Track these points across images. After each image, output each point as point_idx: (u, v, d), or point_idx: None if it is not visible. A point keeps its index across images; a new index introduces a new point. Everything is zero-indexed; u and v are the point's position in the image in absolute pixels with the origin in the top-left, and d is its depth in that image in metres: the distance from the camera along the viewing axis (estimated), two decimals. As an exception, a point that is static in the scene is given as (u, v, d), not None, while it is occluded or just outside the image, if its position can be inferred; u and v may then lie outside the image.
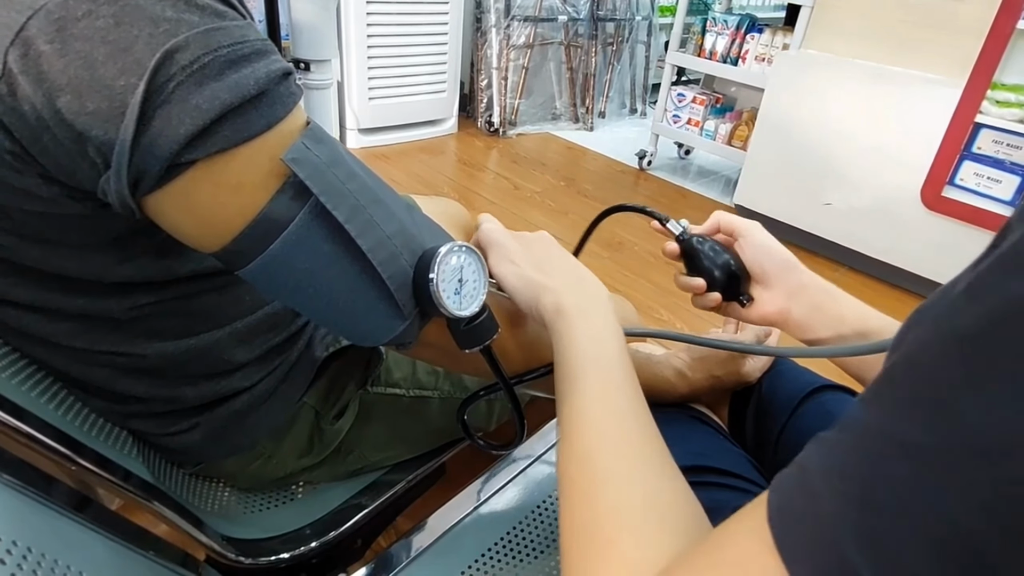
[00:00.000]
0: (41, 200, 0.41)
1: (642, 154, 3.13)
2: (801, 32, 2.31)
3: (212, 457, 0.66)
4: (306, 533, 0.68)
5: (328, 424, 0.70)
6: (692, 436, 0.63)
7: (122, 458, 0.57)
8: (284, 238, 0.39)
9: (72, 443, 0.50)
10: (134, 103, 0.34)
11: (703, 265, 0.64)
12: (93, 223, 0.45)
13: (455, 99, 3.25)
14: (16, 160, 0.38)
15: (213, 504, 0.70)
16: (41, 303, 0.50)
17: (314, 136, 0.40)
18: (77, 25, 0.33)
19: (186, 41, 0.34)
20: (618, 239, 2.34)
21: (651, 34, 3.94)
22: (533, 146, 3.31)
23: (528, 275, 0.50)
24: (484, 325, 0.46)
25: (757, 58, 2.66)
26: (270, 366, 0.64)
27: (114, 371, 0.56)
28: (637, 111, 4.07)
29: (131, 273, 0.50)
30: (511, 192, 2.73)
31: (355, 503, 0.73)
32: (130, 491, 0.53)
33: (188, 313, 0.56)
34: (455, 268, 0.44)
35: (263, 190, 0.39)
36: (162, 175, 0.36)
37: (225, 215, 0.39)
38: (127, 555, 0.49)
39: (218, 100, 0.35)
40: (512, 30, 3.22)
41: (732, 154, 2.80)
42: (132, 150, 0.35)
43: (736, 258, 0.63)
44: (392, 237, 0.42)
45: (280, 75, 0.38)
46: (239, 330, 0.60)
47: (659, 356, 0.69)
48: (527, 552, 0.67)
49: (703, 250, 0.64)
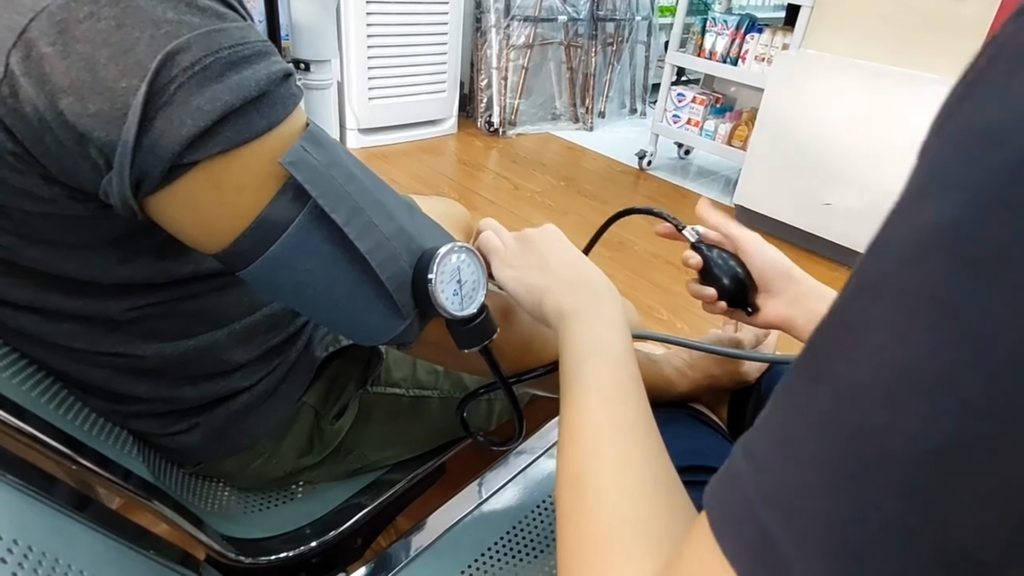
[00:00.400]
0: (42, 201, 0.41)
1: (642, 154, 3.13)
2: (801, 32, 2.32)
3: (212, 457, 0.66)
4: (306, 532, 0.68)
5: (328, 424, 0.70)
6: (691, 435, 0.63)
7: (122, 457, 0.57)
8: (284, 240, 0.40)
9: (73, 443, 0.50)
10: (136, 105, 0.34)
11: (713, 274, 0.64)
12: (93, 224, 0.45)
13: (455, 99, 3.25)
14: (18, 161, 0.38)
15: (213, 503, 0.70)
16: (40, 304, 0.50)
17: (313, 139, 0.40)
18: (79, 27, 0.34)
19: (187, 43, 0.35)
20: (619, 239, 2.34)
21: (651, 34, 3.94)
22: (533, 146, 3.31)
23: (529, 280, 0.50)
24: (483, 325, 0.47)
25: (757, 58, 2.66)
26: (269, 366, 0.64)
27: (114, 371, 0.56)
28: (637, 111, 4.07)
29: (130, 274, 0.50)
30: (511, 192, 2.73)
31: (355, 502, 0.73)
32: (130, 490, 0.53)
33: (187, 314, 0.56)
34: (454, 269, 0.44)
35: (264, 191, 0.39)
36: (164, 176, 0.36)
37: (226, 216, 0.39)
38: (127, 554, 0.49)
39: (219, 101, 0.35)
40: (512, 30, 3.22)
41: (732, 154, 2.80)
42: (134, 151, 0.35)
43: (743, 268, 0.64)
44: (391, 239, 0.42)
45: (281, 76, 0.39)
46: (238, 331, 0.60)
47: (659, 355, 0.70)
48: (527, 551, 0.68)
49: (712, 258, 0.65)
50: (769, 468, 0.22)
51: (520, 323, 0.55)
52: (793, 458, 0.21)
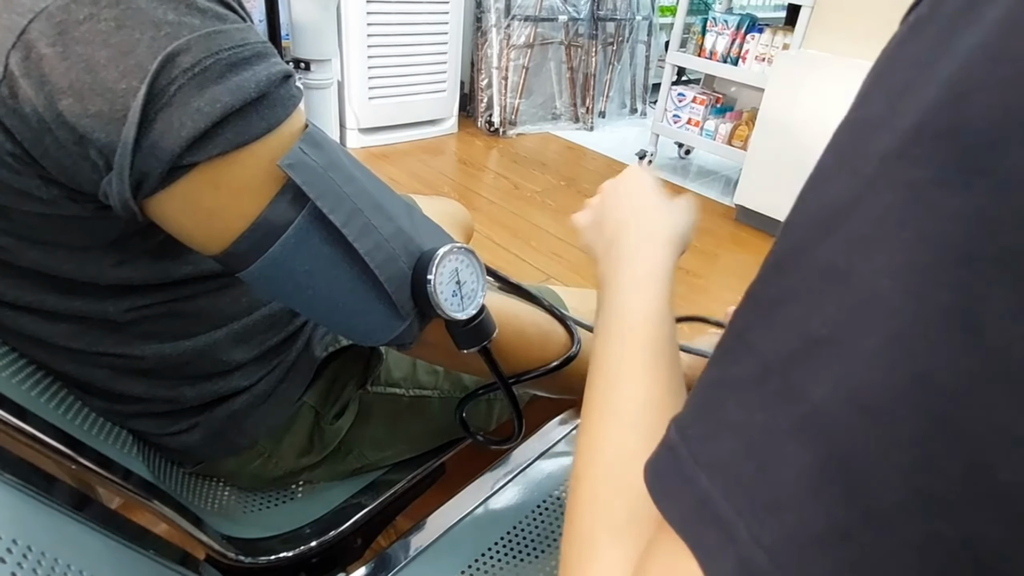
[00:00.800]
0: (41, 202, 0.41)
1: (642, 154, 3.13)
2: (801, 32, 2.32)
3: (212, 456, 0.67)
4: (306, 532, 0.68)
5: (328, 424, 0.70)
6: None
7: (122, 457, 0.57)
8: (283, 241, 0.40)
9: (73, 442, 0.50)
10: (136, 106, 0.34)
11: None
12: (92, 225, 0.45)
13: (455, 99, 3.25)
14: (17, 162, 0.38)
15: (213, 503, 0.70)
16: (38, 304, 0.50)
17: (311, 140, 0.40)
18: (79, 28, 0.34)
19: (187, 44, 0.35)
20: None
21: (651, 34, 3.94)
22: (533, 146, 3.31)
23: (589, 236, 0.53)
24: (482, 326, 0.47)
25: (757, 58, 2.66)
26: (269, 366, 0.64)
27: (113, 372, 0.56)
28: (637, 111, 4.07)
29: (128, 275, 0.50)
30: (511, 192, 2.73)
31: (355, 502, 0.73)
32: (130, 490, 0.53)
33: (185, 315, 0.56)
34: (453, 270, 0.44)
35: (263, 193, 0.39)
36: (164, 178, 0.37)
37: (226, 217, 0.39)
38: (127, 554, 0.50)
39: (219, 103, 0.35)
40: (512, 30, 3.22)
41: (732, 154, 2.80)
42: (134, 153, 0.35)
43: None
44: (390, 240, 0.43)
45: (280, 78, 0.39)
46: (237, 331, 0.60)
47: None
48: (527, 552, 0.68)
49: None
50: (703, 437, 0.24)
51: (520, 324, 0.55)
52: (724, 424, 0.23)
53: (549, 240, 2.30)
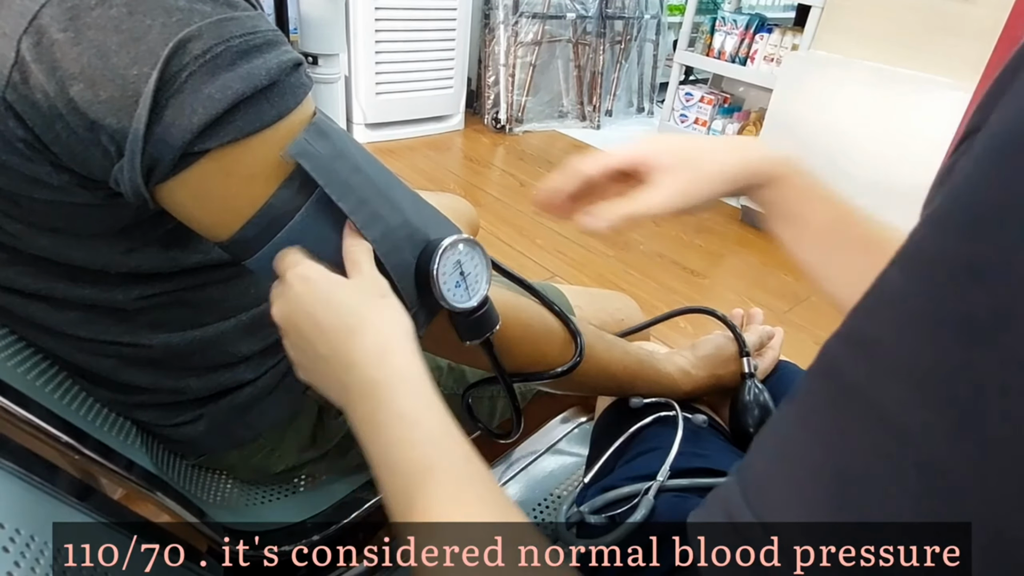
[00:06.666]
0: (51, 188, 0.41)
1: (648, 153, 3.12)
2: (811, 33, 2.30)
3: (215, 449, 0.66)
4: (308, 526, 0.68)
5: (331, 418, 0.70)
6: (692, 437, 0.63)
7: (125, 448, 0.57)
8: (290, 227, 0.40)
9: (76, 432, 0.50)
10: (147, 92, 0.34)
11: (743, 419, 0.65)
12: (102, 212, 0.45)
13: (462, 95, 3.24)
14: (28, 148, 0.38)
15: (215, 495, 0.70)
16: (47, 292, 0.50)
17: (317, 130, 0.40)
18: (90, 14, 0.33)
19: (199, 31, 0.34)
20: (624, 238, 2.33)
21: (660, 33, 3.93)
22: (539, 144, 3.31)
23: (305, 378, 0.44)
24: (485, 318, 0.46)
25: (766, 58, 2.65)
26: (274, 359, 0.64)
27: (119, 361, 0.56)
28: (644, 110, 4.05)
29: (138, 263, 0.50)
30: (517, 189, 2.72)
31: (357, 497, 0.73)
32: (133, 481, 0.53)
33: (194, 304, 0.56)
34: (456, 261, 0.44)
35: (273, 180, 0.39)
36: (175, 164, 0.36)
37: (236, 204, 0.39)
38: (128, 545, 0.49)
39: (231, 90, 0.35)
40: (520, 27, 3.21)
41: (739, 155, 2.78)
42: (145, 139, 0.35)
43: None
44: (396, 229, 0.42)
45: (291, 65, 0.39)
46: (245, 322, 0.60)
47: (662, 354, 0.69)
48: (528, 549, 0.67)
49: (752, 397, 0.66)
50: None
51: (525, 319, 0.55)
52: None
53: (554, 238, 2.29)
